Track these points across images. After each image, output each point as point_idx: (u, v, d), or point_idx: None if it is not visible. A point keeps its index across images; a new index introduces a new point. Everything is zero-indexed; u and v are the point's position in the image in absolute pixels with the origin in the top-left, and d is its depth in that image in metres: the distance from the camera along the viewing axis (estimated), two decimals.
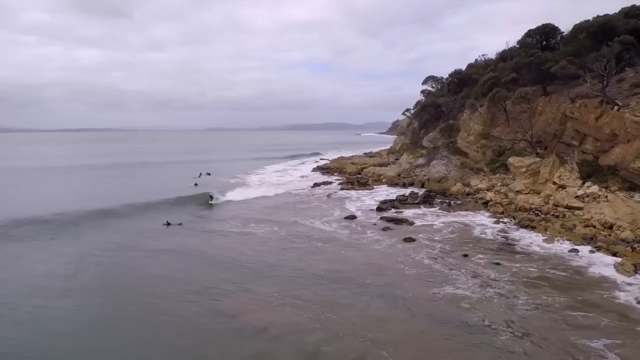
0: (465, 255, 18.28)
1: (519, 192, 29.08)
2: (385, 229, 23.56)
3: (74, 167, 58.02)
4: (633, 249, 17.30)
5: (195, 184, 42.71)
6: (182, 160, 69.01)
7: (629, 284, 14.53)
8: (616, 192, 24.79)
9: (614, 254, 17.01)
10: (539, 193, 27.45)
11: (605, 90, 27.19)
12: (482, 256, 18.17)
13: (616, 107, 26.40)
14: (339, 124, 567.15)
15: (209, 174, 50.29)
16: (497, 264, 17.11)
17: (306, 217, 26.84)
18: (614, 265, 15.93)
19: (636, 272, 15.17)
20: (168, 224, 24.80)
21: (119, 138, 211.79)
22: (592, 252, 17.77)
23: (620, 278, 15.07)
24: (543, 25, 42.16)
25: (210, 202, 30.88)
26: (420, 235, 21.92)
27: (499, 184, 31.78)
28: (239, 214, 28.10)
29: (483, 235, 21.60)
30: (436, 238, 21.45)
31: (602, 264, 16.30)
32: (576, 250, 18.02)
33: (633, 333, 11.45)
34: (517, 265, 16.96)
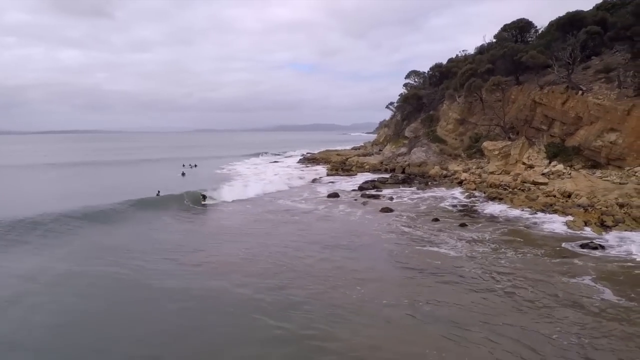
0: (436, 220, 19.89)
1: (492, 173, 30.86)
2: (364, 203, 25.06)
3: (56, 165, 55.30)
4: (585, 210, 19.11)
5: (183, 174, 43.75)
6: (168, 157, 67.80)
7: (578, 236, 16.32)
8: (580, 170, 26.70)
9: (568, 215, 18.75)
10: (510, 173, 29.27)
11: (570, 76, 29.15)
12: (451, 220, 19.80)
13: (580, 92, 28.35)
14: (327, 124, 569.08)
15: (195, 166, 51.28)
16: (464, 225, 18.73)
17: (289, 197, 28.14)
18: (566, 222, 17.68)
19: (585, 227, 16.93)
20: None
21: (105, 139, 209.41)
22: (548, 213, 19.53)
23: (570, 232, 16.87)
24: (518, 20, 44.34)
25: (202, 202, 26.10)
26: (397, 207, 23.48)
27: (474, 167, 33.57)
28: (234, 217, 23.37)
29: (453, 206, 23.30)
30: (411, 208, 23.05)
31: (555, 222, 18.09)
32: (535, 214, 19.77)
33: (587, 269, 13.07)
34: (482, 225, 18.65)
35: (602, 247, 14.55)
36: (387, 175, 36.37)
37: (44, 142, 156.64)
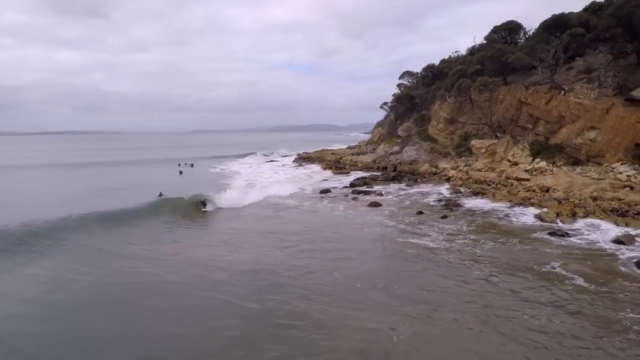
0: (420, 213, 20.94)
1: (479, 170, 31.94)
2: (354, 198, 26.08)
3: (54, 166, 53.62)
4: (559, 202, 20.19)
5: (180, 172, 44.75)
6: (168, 158, 66.53)
7: (549, 226, 17.41)
8: (561, 166, 27.79)
9: (543, 208, 19.83)
10: (495, 170, 30.35)
11: (553, 77, 30.26)
12: (434, 213, 20.84)
13: (563, 92, 29.45)
14: (324, 125, 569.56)
15: (192, 165, 52.24)
16: (445, 217, 19.80)
17: (278, 193, 28.84)
18: (540, 213, 18.75)
19: (557, 218, 18.00)
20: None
21: (104, 140, 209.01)
22: (525, 207, 20.62)
23: (543, 223, 18.00)
24: (507, 22, 45.47)
25: (202, 209, 23.01)
26: (385, 202, 24.50)
27: (462, 165, 34.64)
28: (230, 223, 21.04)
29: (438, 200, 24.35)
30: (398, 203, 24.11)
31: (530, 214, 19.19)
32: (513, 207, 20.84)
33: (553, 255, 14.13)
34: (461, 217, 19.75)
35: (569, 235, 15.61)
36: (378, 173, 37.41)
37: (45, 143, 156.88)
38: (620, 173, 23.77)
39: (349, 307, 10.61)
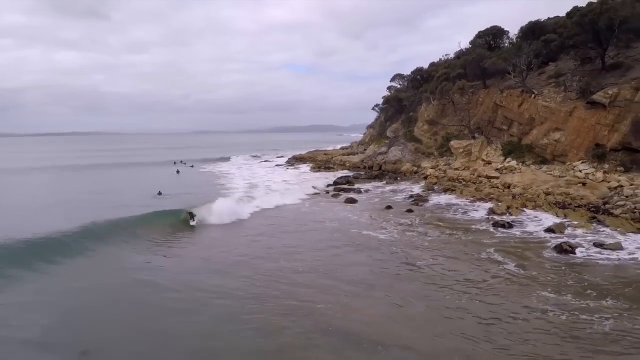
0: (389, 207, 22.82)
1: (456, 169, 33.78)
2: (334, 195, 27.96)
3: (53, 168, 52.42)
4: (513, 196, 22.04)
5: (177, 171, 46.75)
6: (167, 158, 66.26)
7: (498, 219, 19.24)
8: (530, 165, 29.60)
9: (500, 202, 21.68)
10: (469, 168, 32.18)
11: (524, 81, 32.09)
12: (401, 208, 22.70)
13: (533, 95, 31.28)
14: (324, 125, 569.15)
15: (192, 166, 54.16)
16: (411, 210, 21.68)
17: (266, 190, 30.81)
18: (493, 207, 20.60)
19: (507, 211, 19.86)
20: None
21: (105, 141, 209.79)
22: (485, 201, 22.46)
23: (492, 216, 19.84)
24: (491, 27, 47.30)
25: (190, 223, 20.30)
26: (361, 198, 26.36)
27: (442, 164, 36.48)
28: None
29: (410, 196, 26.17)
30: (372, 199, 26.00)
31: (486, 208, 21.03)
32: (474, 202, 22.70)
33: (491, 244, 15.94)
34: (422, 212, 21.66)
35: (511, 226, 17.44)
36: (363, 172, 39.29)
37: (45, 144, 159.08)
38: (580, 171, 25.55)
39: (286, 284, 12.23)
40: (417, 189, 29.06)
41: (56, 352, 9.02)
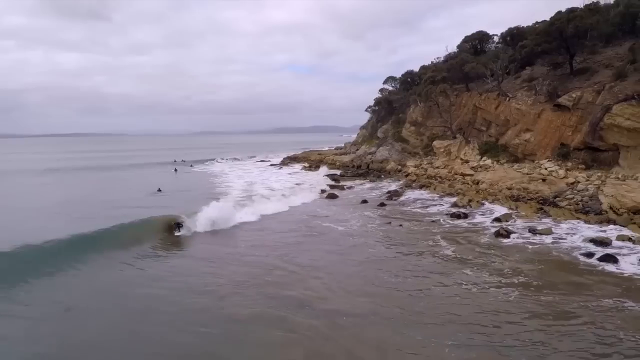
0: (365, 202, 24.80)
1: (437, 167, 35.72)
2: (322, 191, 29.87)
3: (55, 169, 51.31)
4: (477, 191, 23.99)
5: (175, 170, 49.00)
6: (167, 159, 66.36)
7: (456, 211, 21.10)
8: (504, 164, 31.49)
9: (464, 196, 23.66)
10: (448, 167, 34.12)
11: (500, 85, 34.01)
12: (375, 202, 24.69)
13: (508, 98, 33.17)
14: (327, 126, 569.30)
15: (192, 166, 56.36)
16: (383, 204, 23.66)
17: (257, 186, 32.92)
18: (455, 201, 22.55)
19: (468, 204, 21.81)
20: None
21: (107, 142, 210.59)
22: (453, 196, 24.43)
23: (452, 209, 21.74)
24: (477, 32, 49.19)
25: (175, 233, 18.54)
26: (343, 194, 28.35)
27: (425, 163, 38.42)
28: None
29: (387, 192, 28.06)
30: (352, 194, 28.00)
31: (451, 202, 22.96)
32: (442, 197, 24.67)
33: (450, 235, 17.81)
34: (395, 204, 23.58)
35: (466, 217, 19.39)
36: (350, 170, 41.31)
37: (47, 146, 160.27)
38: (545, 169, 27.41)
39: (236, 265, 14.16)
40: (395, 186, 30.98)
41: None
